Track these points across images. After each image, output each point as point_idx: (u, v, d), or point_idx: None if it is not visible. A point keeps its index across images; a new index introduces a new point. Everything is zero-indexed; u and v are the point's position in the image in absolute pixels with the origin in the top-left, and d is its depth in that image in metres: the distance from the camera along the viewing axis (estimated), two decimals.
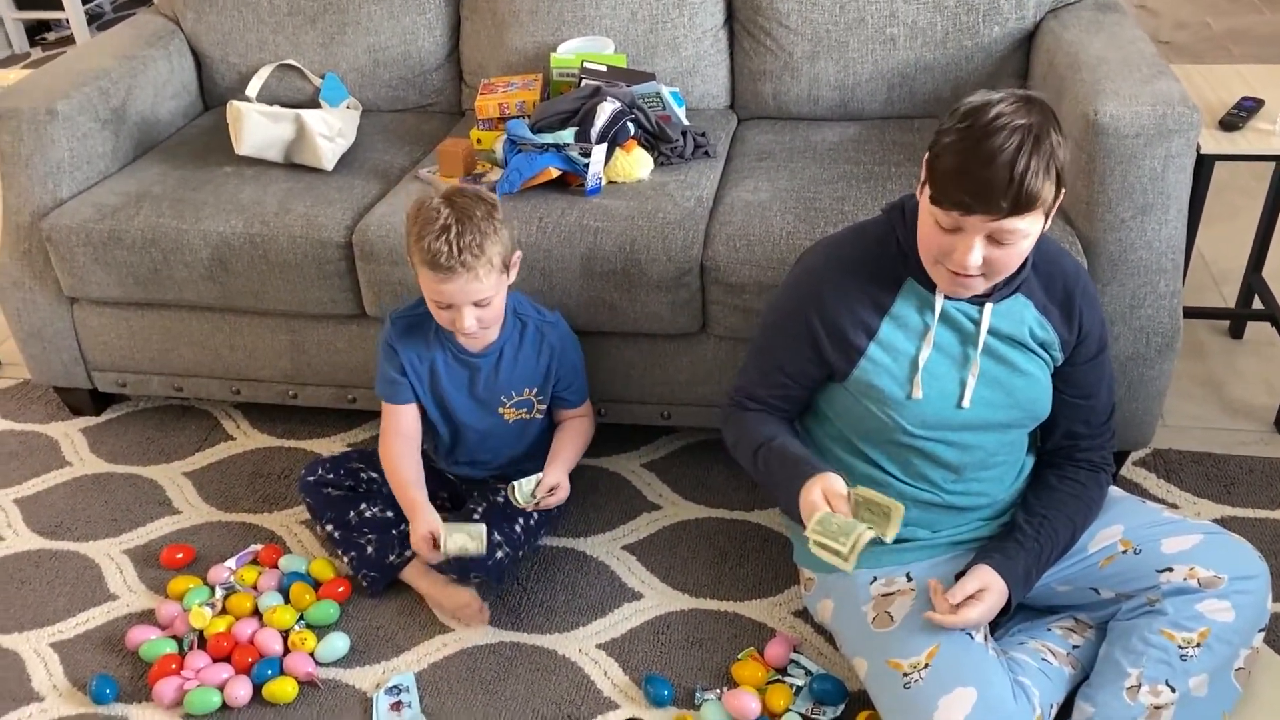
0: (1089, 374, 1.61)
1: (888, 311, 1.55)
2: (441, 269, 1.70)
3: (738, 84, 2.47)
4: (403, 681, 1.77)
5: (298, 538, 2.09)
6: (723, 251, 1.96)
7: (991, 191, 1.33)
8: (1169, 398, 2.30)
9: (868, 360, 1.55)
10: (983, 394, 1.55)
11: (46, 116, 2.20)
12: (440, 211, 1.71)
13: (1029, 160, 1.32)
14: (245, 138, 2.25)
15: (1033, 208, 1.35)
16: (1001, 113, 1.34)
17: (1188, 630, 1.47)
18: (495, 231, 1.72)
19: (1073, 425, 1.64)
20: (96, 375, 2.38)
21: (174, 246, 2.13)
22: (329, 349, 2.23)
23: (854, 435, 1.64)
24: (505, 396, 1.90)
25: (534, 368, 1.90)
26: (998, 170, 1.32)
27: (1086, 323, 1.57)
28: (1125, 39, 2.10)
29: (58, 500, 2.23)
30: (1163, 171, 1.83)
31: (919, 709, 1.46)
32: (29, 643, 1.89)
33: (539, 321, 1.91)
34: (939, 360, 1.55)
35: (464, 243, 1.68)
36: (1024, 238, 1.39)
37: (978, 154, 1.33)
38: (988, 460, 1.61)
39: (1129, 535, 1.58)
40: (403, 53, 2.54)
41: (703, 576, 1.96)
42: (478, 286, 1.72)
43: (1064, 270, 1.57)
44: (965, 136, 1.35)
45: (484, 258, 1.70)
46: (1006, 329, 1.54)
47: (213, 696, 1.74)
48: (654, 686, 1.72)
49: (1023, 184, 1.32)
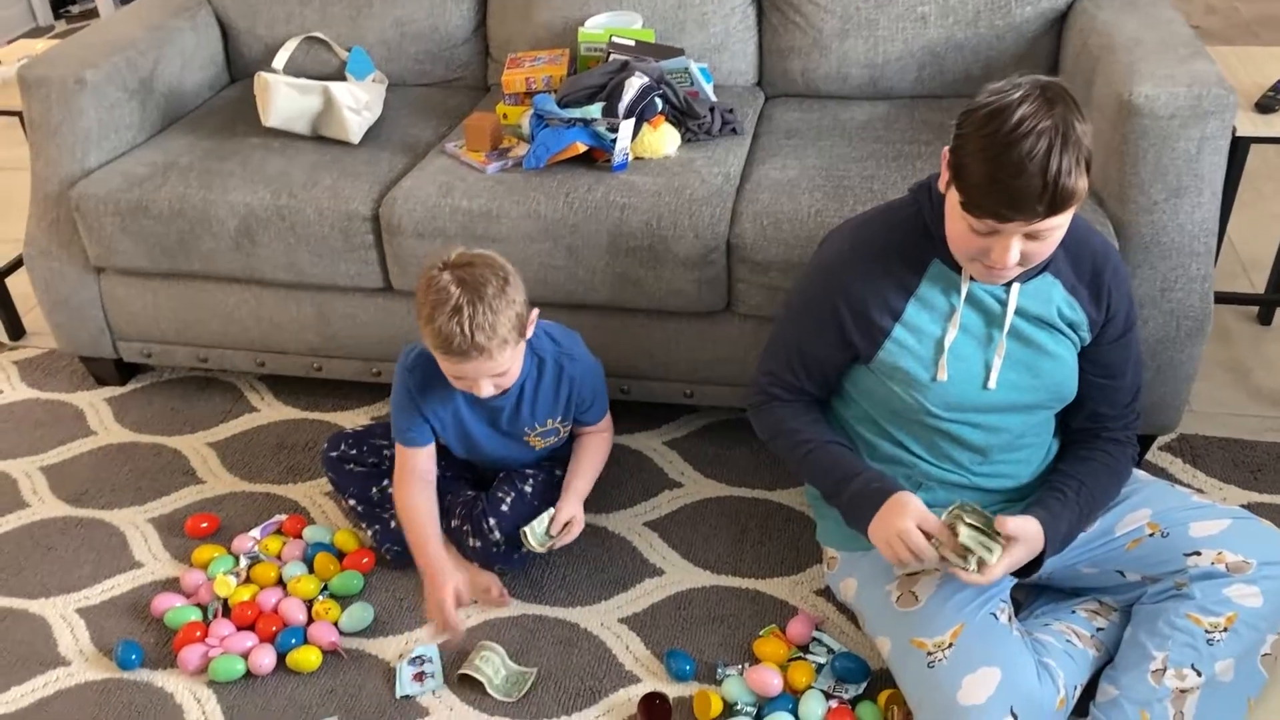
0: (1115, 353, 1.59)
1: (913, 293, 1.54)
2: (454, 353, 1.64)
3: (766, 61, 2.46)
4: (426, 652, 1.78)
5: (321, 509, 2.10)
6: (749, 229, 1.95)
7: (1026, 199, 1.30)
8: (1196, 383, 2.28)
9: (892, 342, 1.55)
10: (1009, 376, 1.54)
11: (75, 86, 2.21)
12: (450, 291, 1.62)
13: (1060, 161, 1.28)
14: (273, 110, 2.25)
15: (1069, 205, 1.34)
16: (1024, 116, 1.30)
17: (1215, 615, 1.46)
18: (509, 305, 1.65)
19: (1098, 406, 1.63)
20: (122, 345, 2.40)
21: (201, 217, 2.14)
22: (354, 322, 2.23)
23: (880, 416, 1.64)
24: (529, 428, 1.88)
25: (554, 401, 1.87)
26: (1030, 179, 1.29)
27: (1115, 302, 1.55)
28: (1161, 20, 2.07)
29: (83, 469, 2.24)
30: (1197, 153, 1.81)
31: (943, 688, 1.46)
32: (56, 608, 1.91)
33: (556, 354, 1.85)
34: (964, 342, 1.54)
35: (476, 324, 1.61)
36: (1061, 229, 1.38)
37: (1007, 164, 1.29)
38: (1014, 442, 1.60)
39: (1157, 518, 1.57)
40: (430, 26, 2.53)
41: (724, 553, 1.96)
42: (491, 365, 1.67)
43: (1093, 249, 1.55)
44: (990, 145, 1.31)
45: (497, 338, 1.63)
46: (1035, 309, 1.53)
47: (237, 664, 1.75)
48: (676, 661, 1.73)
49: (1057, 187, 1.30)
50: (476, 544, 1.84)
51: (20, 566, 2.00)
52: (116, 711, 1.72)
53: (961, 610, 1.51)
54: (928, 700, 1.49)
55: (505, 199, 2.02)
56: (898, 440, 1.63)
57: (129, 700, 1.73)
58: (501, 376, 1.72)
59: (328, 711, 1.70)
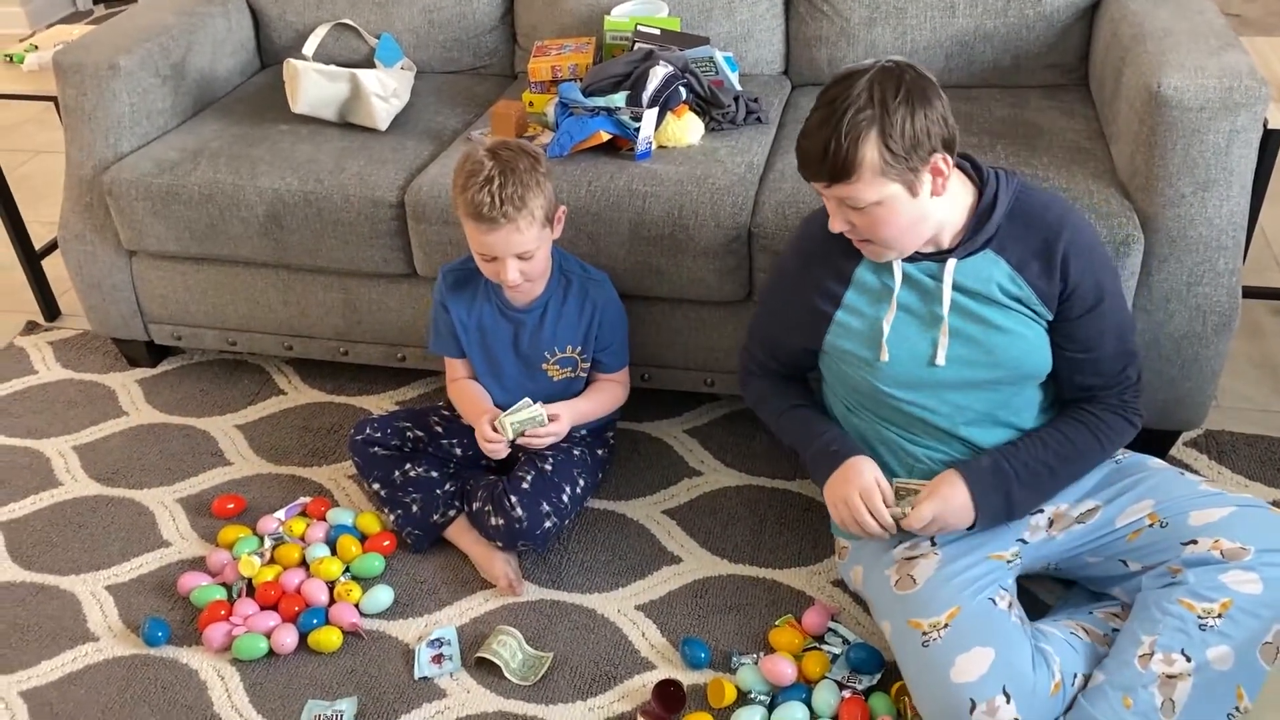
0: (1088, 327, 1.57)
1: (850, 278, 1.60)
2: (484, 220, 1.71)
3: (793, 50, 2.45)
4: (444, 635, 1.80)
5: (346, 491, 2.13)
6: (771, 219, 1.95)
7: (806, 161, 1.45)
8: (1223, 378, 2.26)
9: (836, 326, 1.62)
10: (958, 352, 1.56)
11: (109, 71, 2.24)
12: (484, 164, 1.72)
13: (830, 131, 1.40)
14: (301, 96, 2.28)
15: (848, 176, 1.41)
16: (843, 89, 1.41)
17: (1208, 600, 1.43)
18: (538, 184, 1.74)
19: (1084, 378, 1.62)
20: (153, 328, 2.43)
21: (230, 202, 2.17)
22: (380, 307, 2.25)
23: (850, 399, 1.70)
24: (549, 353, 1.91)
25: (577, 324, 1.92)
26: (808, 139, 1.44)
27: (1074, 273, 1.53)
28: (1193, 9, 2.04)
29: (114, 448, 2.28)
30: (1227, 146, 1.79)
31: (936, 666, 1.46)
32: (85, 585, 1.95)
33: (583, 278, 1.93)
34: (906, 321, 1.57)
35: (506, 194, 1.69)
36: (876, 204, 1.44)
37: (804, 126, 1.45)
38: (985, 419, 1.61)
39: (1159, 509, 1.56)
40: (458, 14, 2.54)
41: (742, 543, 1.97)
42: (519, 238, 1.74)
43: (1045, 220, 1.54)
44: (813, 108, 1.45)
45: (526, 210, 1.72)
46: (972, 285, 1.54)
47: (260, 643, 1.78)
48: (691, 649, 1.74)
49: (825, 153, 1.41)
50: (499, 523, 1.86)
51: (52, 543, 2.05)
52: (142, 687, 1.76)
53: (959, 594, 1.52)
54: (922, 679, 1.49)
55: None
56: (877, 421, 1.67)
57: (155, 676, 1.77)
58: (529, 263, 1.78)
59: (347, 691, 1.73)
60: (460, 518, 1.96)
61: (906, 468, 1.65)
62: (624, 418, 2.16)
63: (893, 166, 1.41)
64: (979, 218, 1.53)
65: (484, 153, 1.75)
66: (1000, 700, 1.41)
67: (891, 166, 1.41)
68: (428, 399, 2.36)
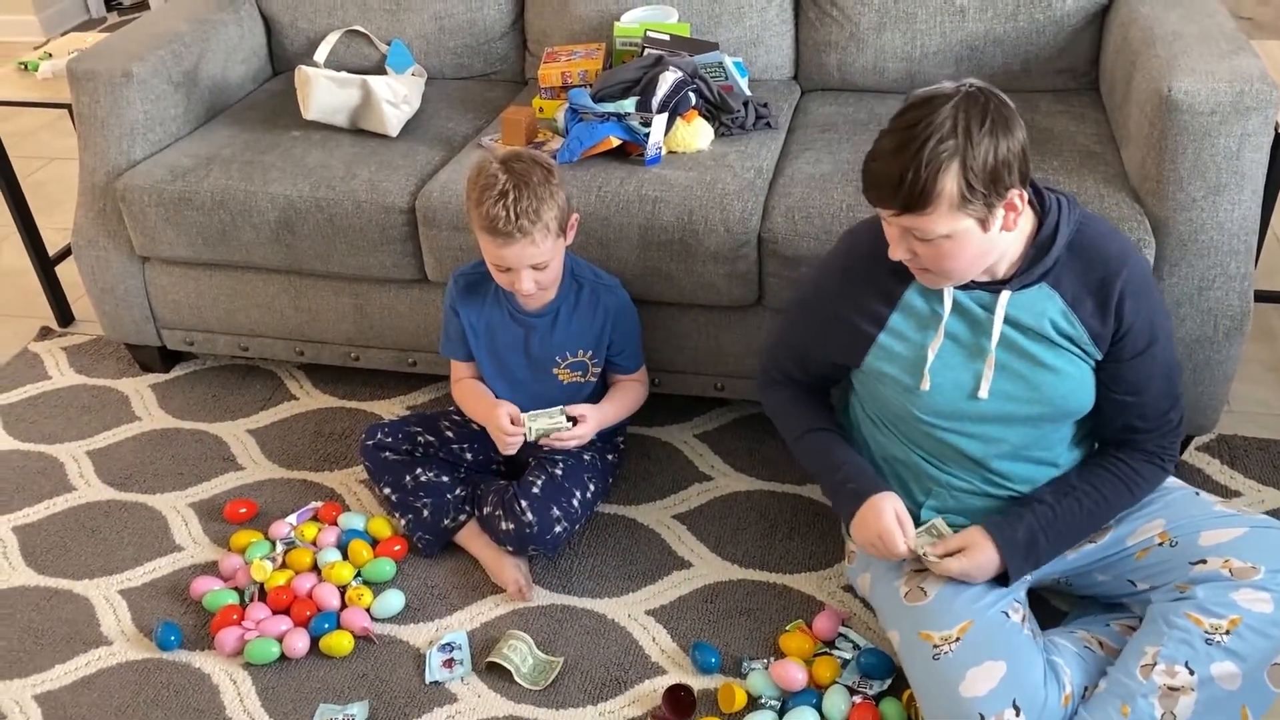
0: (1136, 370, 1.52)
1: (898, 301, 1.54)
2: (499, 234, 1.72)
3: (802, 55, 2.45)
4: (455, 639, 1.80)
5: (357, 496, 2.14)
6: (781, 224, 1.96)
7: (878, 186, 1.36)
8: (1236, 382, 2.24)
9: (878, 348, 1.57)
10: (1003, 386, 1.51)
11: (122, 79, 2.25)
12: (498, 177, 1.72)
13: (909, 159, 1.31)
14: (313, 103, 2.29)
15: (924, 206, 1.33)
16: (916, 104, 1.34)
17: (1216, 616, 1.41)
18: (552, 196, 1.74)
19: (1127, 420, 1.57)
20: (165, 333, 2.45)
21: (242, 208, 2.18)
22: (391, 313, 2.26)
23: (884, 419, 1.66)
24: (559, 357, 1.92)
25: (588, 329, 1.92)
26: (882, 164, 1.35)
27: (1129, 314, 1.47)
28: (1203, 13, 2.04)
29: (127, 453, 2.30)
30: (1238, 150, 1.79)
31: (947, 679, 1.46)
32: (99, 589, 1.96)
33: (595, 284, 1.93)
34: (952, 350, 1.52)
35: (521, 208, 1.70)
36: (945, 237, 1.37)
37: (878, 147, 1.36)
38: (1018, 453, 1.58)
39: (1169, 529, 1.54)
40: (468, 20, 2.55)
41: (752, 548, 1.97)
42: (534, 251, 1.74)
43: (1105, 255, 1.48)
44: (886, 127, 1.37)
45: (540, 223, 1.72)
46: (1025, 320, 1.49)
47: (272, 647, 1.79)
48: (701, 654, 1.74)
49: (902, 182, 1.32)
50: (509, 527, 1.86)
51: (66, 548, 2.06)
52: (155, 690, 1.76)
53: (972, 606, 1.51)
54: (932, 692, 1.49)
55: None
56: (905, 443, 1.64)
57: (167, 680, 1.78)
58: (543, 272, 1.78)
59: (358, 695, 1.74)
60: (471, 522, 1.96)
61: (926, 491, 1.64)
62: (633, 422, 2.16)
63: (970, 201, 1.34)
64: (1038, 249, 1.46)
65: (497, 165, 1.75)
66: (1010, 714, 1.40)
67: (969, 201, 1.34)
68: (439, 404, 2.37)
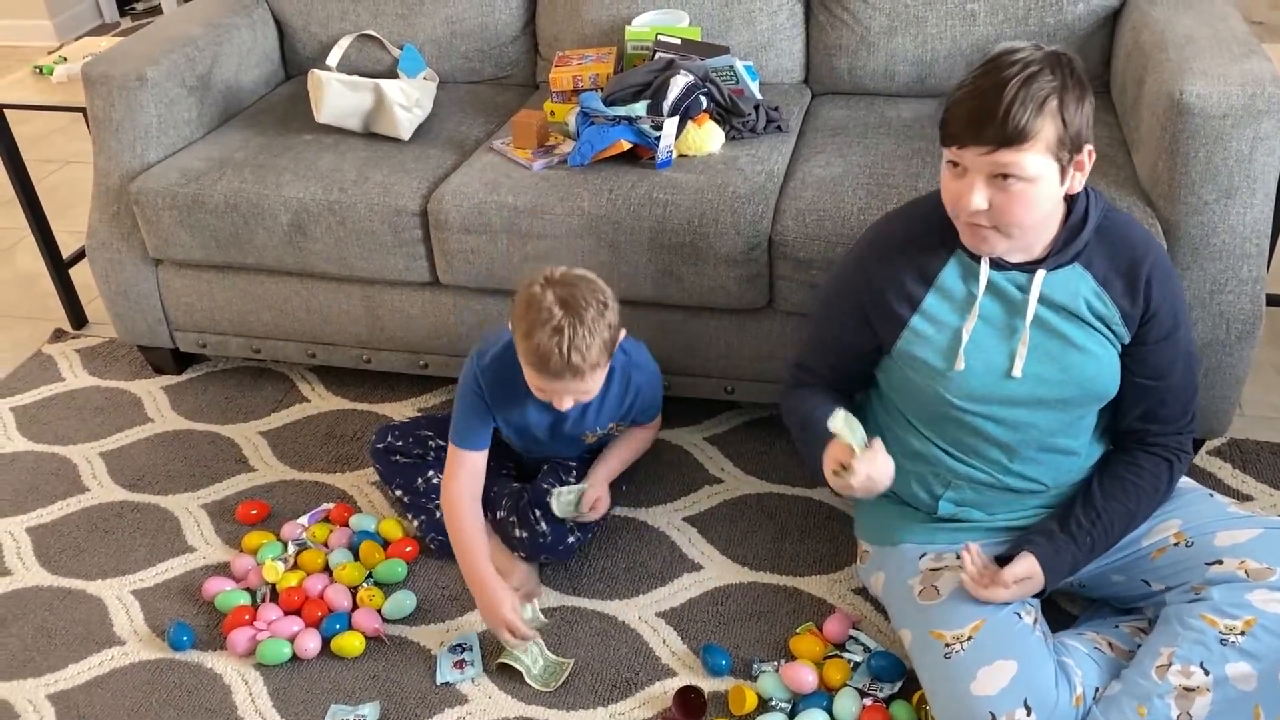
0: (1161, 354, 1.54)
1: (933, 283, 1.55)
2: (549, 373, 1.66)
3: (813, 58, 2.45)
4: (466, 641, 1.81)
5: (368, 498, 2.15)
6: (792, 226, 1.96)
7: (979, 119, 1.35)
8: (1248, 386, 2.24)
9: (910, 331, 1.56)
10: (1034, 368, 1.52)
11: (136, 83, 2.27)
12: (553, 312, 1.63)
13: (1017, 92, 1.33)
14: (325, 106, 2.30)
15: (1022, 141, 1.34)
16: (1017, 57, 1.36)
17: (1231, 617, 1.41)
18: (605, 330, 1.67)
19: (1146, 408, 1.59)
20: (178, 335, 2.46)
21: (255, 211, 2.19)
22: (402, 315, 2.27)
23: (908, 409, 1.65)
24: (590, 431, 1.92)
25: (618, 407, 1.90)
26: (985, 98, 1.35)
27: (1156, 297, 1.51)
28: (1215, 16, 2.04)
29: (140, 455, 2.31)
30: (1250, 154, 1.78)
31: (957, 678, 1.46)
32: (112, 589, 1.97)
33: (625, 364, 1.87)
34: (985, 332, 1.53)
35: (575, 346, 1.63)
36: (1026, 181, 1.37)
37: (973, 87, 1.37)
38: (1044, 441, 1.58)
39: (1185, 529, 1.55)
40: (480, 24, 2.56)
41: (763, 550, 1.97)
42: (581, 385, 1.69)
43: (1132, 240, 1.52)
44: (974, 71, 1.39)
45: (590, 361, 1.65)
46: (1059, 299, 1.50)
47: (283, 648, 1.80)
48: (712, 656, 1.74)
49: (1009, 113, 1.33)
50: (523, 535, 1.87)
51: (80, 548, 2.07)
52: (167, 690, 1.77)
53: (984, 606, 1.51)
54: (942, 691, 1.49)
55: (550, 196, 2.04)
56: (926, 435, 1.63)
57: (180, 680, 1.79)
58: (585, 394, 1.75)
59: (370, 696, 1.74)
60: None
61: (945, 484, 1.63)
62: None
63: (1061, 144, 1.37)
64: (1070, 230, 1.49)
65: (551, 298, 1.64)
66: (1021, 713, 1.40)
67: (1060, 144, 1.37)
68: (449, 406, 2.37)
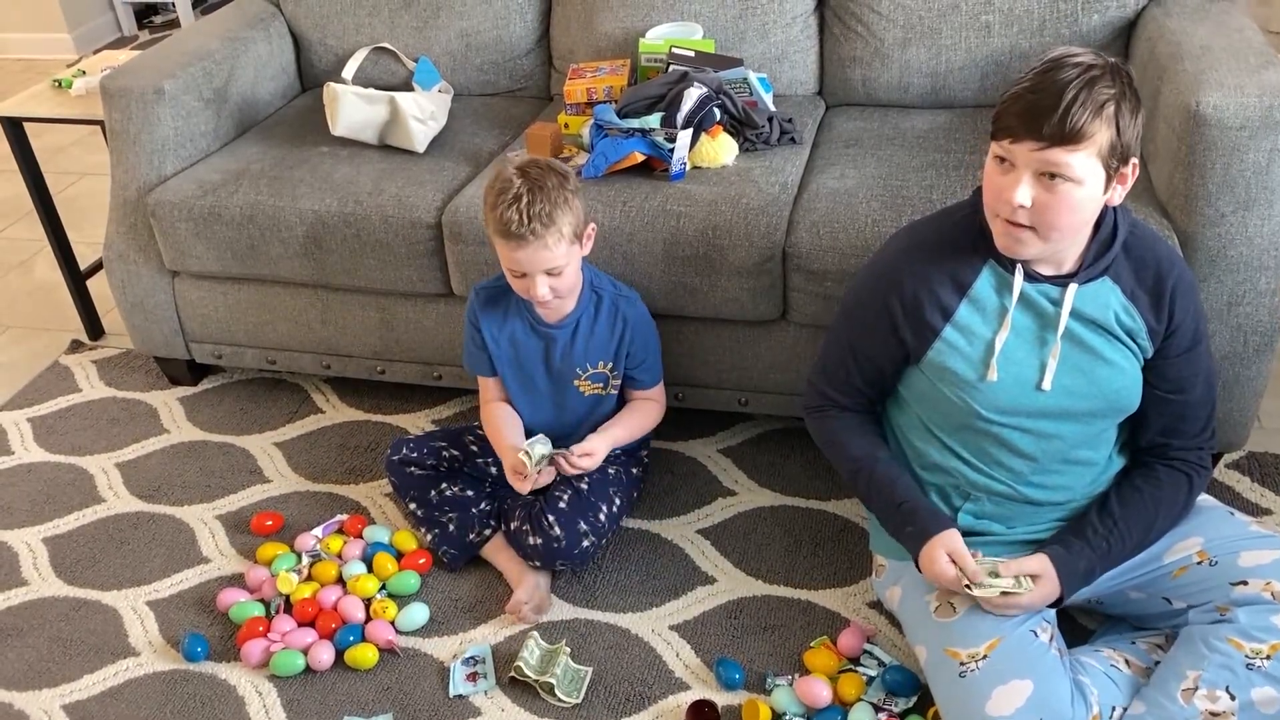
0: (1183, 367, 1.55)
1: (966, 294, 1.54)
2: (512, 237, 1.74)
3: (827, 70, 2.45)
4: (479, 653, 1.81)
5: (382, 509, 2.15)
6: (806, 238, 1.96)
7: (1036, 114, 1.35)
8: (1266, 399, 2.23)
9: (942, 342, 1.55)
10: (1063, 381, 1.52)
11: (154, 96, 2.28)
12: (513, 182, 1.75)
13: (1078, 93, 1.33)
14: (341, 119, 2.31)
15: (1077, 141, 1.34)
16: (1077, 60, 1.37)
17: (1258, 641, 1.40)
18: (567, 201, 1.76)
19: (1166, 422, 1.59)
20: (194, 347, 2.47)
21: (271, 223, 2.20)
22: (417, 327, 2.27)
23: (931, 421, 1.63)
24: (580, 369, 1.93)
25: (608, 341, 1.93)
26: (1044, 95, 1.34)
27: (1179, 312, 1.52)
28: (1232, 27, 2.03)
29: (155, 465, 2.32)
30: (1268, 165, 1.77)
31: (972, 697, 1.45)
32: (127, 600, 1.98)
33: (614, 295, 1.94)
34: (1016, 344, 1.52)
35: (534, 211, 1.72)
36: (1073, 182, 1.37)
37: (1032, 83, 1.37)
38: (1067, 453, 1.57)
39: (1208, 547, 1.53)
40: (494, 37, 2.57)
41: (777, 563, 1.96)
42: (548, 255, 1.76)
43: (1157, 255, 1.52)
44: (1032, 69, 1.39)
45: (554, 227, 1.74)
46: (1090, 312, 1.50)
47: (297, 659, 1.80)
48: (725, 669, 1.73)
49: (1068, 112, 1.33)
50: (537, 542, 1.87)
51: (95, 559, 2.08)
52: (182, 701, 1.77)
53: (1000, 625, 1.50)
54: (956, 710, 1.48)
55: None
56: (947, 447, 1.62)
57: (194, 691, 1.79)
58: (558, 279, 1.79)
59: (383, 708, 1.74)
60: (496, 535, 1.97)
61: (964, 496, 1.62)
62: (657, 437, 2.16)
63: (1113, 151, 1.37)
64: (1100, 244, 1.50)
65: (513, 170, 1.77)
66: None
67: (1112, 151, 1.37)
68: (464, 418, 2.38)
